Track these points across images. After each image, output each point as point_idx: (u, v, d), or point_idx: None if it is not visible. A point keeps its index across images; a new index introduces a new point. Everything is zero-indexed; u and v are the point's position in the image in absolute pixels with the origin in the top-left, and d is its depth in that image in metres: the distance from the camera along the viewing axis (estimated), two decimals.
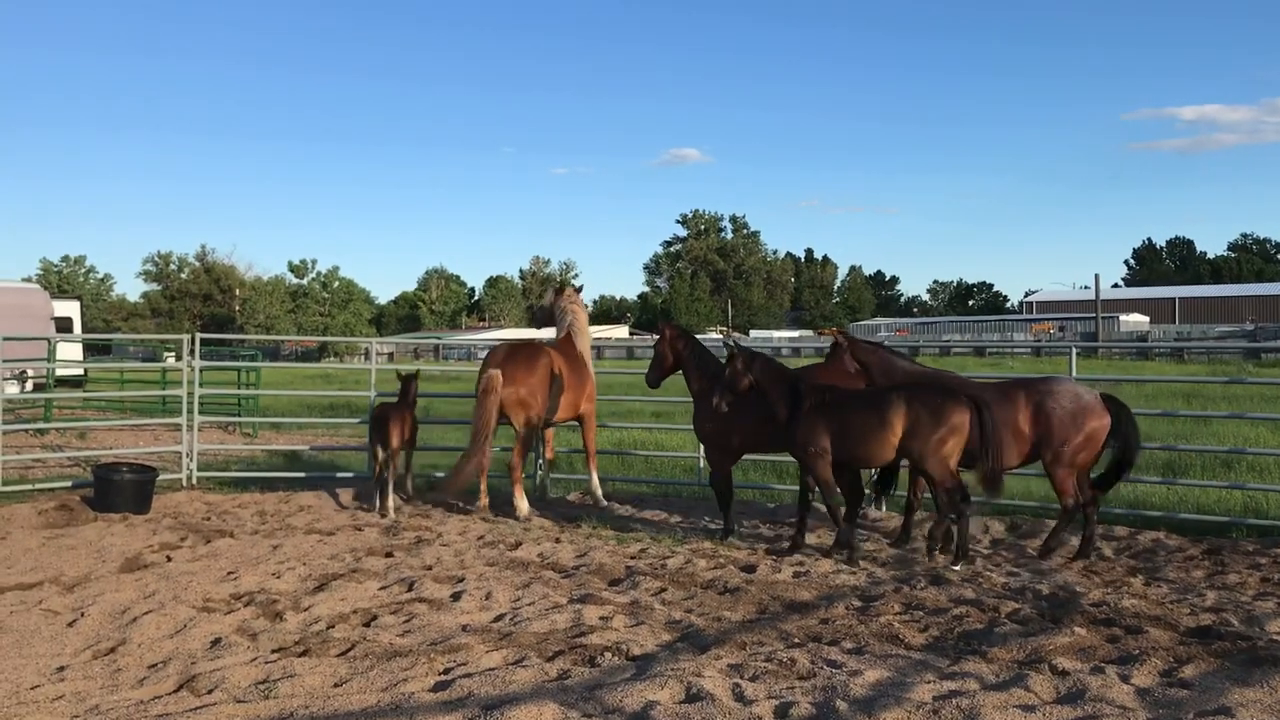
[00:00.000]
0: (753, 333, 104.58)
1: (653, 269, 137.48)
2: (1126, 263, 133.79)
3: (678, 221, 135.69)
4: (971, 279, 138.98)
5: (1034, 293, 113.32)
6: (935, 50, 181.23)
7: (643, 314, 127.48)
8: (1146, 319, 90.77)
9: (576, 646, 6.03)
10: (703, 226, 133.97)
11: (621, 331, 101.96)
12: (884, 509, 10.80)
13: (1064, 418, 8.60)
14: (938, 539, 8.69)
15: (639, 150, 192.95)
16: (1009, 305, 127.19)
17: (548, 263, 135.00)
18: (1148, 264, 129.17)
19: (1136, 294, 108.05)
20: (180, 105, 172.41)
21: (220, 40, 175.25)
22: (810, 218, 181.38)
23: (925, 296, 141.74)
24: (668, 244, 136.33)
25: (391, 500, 10.88)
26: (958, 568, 8.19)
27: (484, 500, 11.06)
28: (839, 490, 8.74)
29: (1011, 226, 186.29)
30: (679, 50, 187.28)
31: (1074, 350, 11.66)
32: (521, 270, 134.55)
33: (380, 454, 10.94)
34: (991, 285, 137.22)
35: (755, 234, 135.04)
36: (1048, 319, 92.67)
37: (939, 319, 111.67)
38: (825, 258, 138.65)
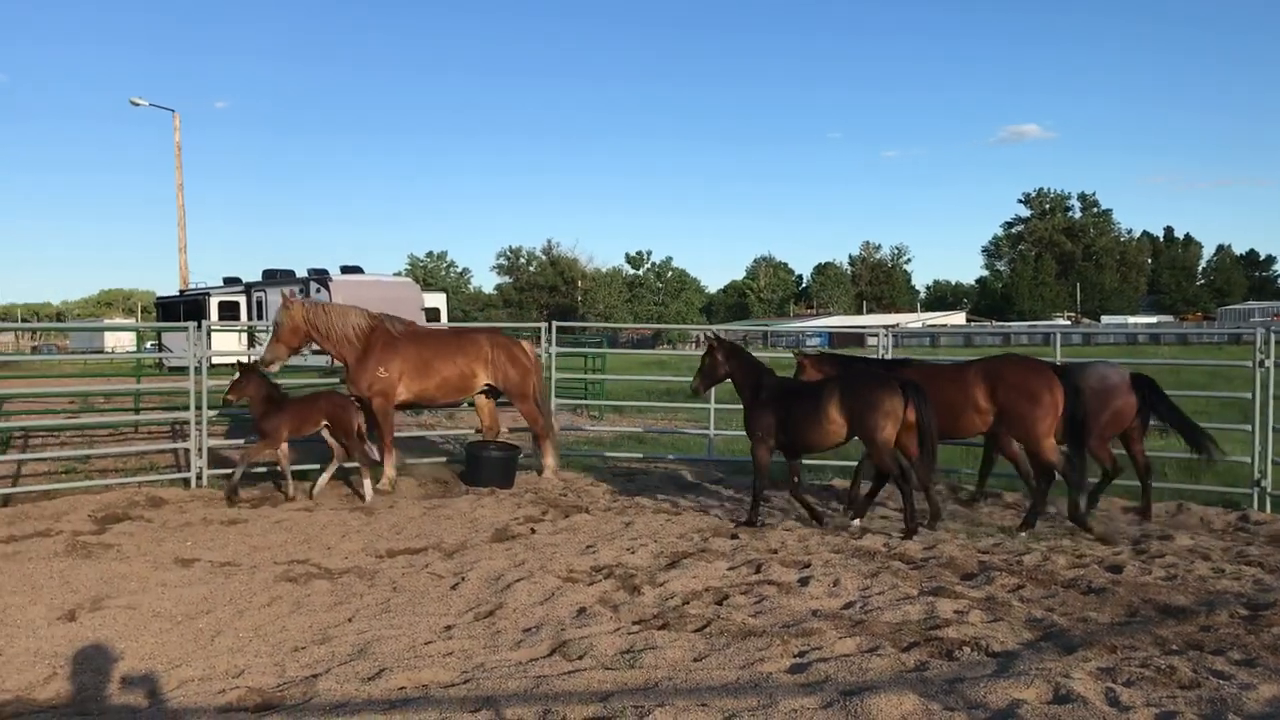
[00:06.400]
0: (1104, 318, 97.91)
1: (992, 252, 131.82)
2: None
3: (1020, 201, 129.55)
4: None
5: None
6: None
7: (981, 299, 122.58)
8: None
9: (932, 639, 5.89)
10: (1047, 206, 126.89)
11: (958, 318, 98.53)
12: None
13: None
14: None
15: (974, 129, 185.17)
16: None
17: (878, 248, 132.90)
18: None
19: None
20: (528, 114, 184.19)
21: (562, 58, 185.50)
22: (1169, 194, 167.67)
23: None
24: (1008, 225, 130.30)
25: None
26: None
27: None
28: None
29: None
30: (1012, 22, 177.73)
31: None
32: (851, 256, 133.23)
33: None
34: None
35: (1106, 212, 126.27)
36: None
37: None
38: (1187, 236, 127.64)
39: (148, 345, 30.34)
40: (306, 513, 10.08)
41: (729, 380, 9.92)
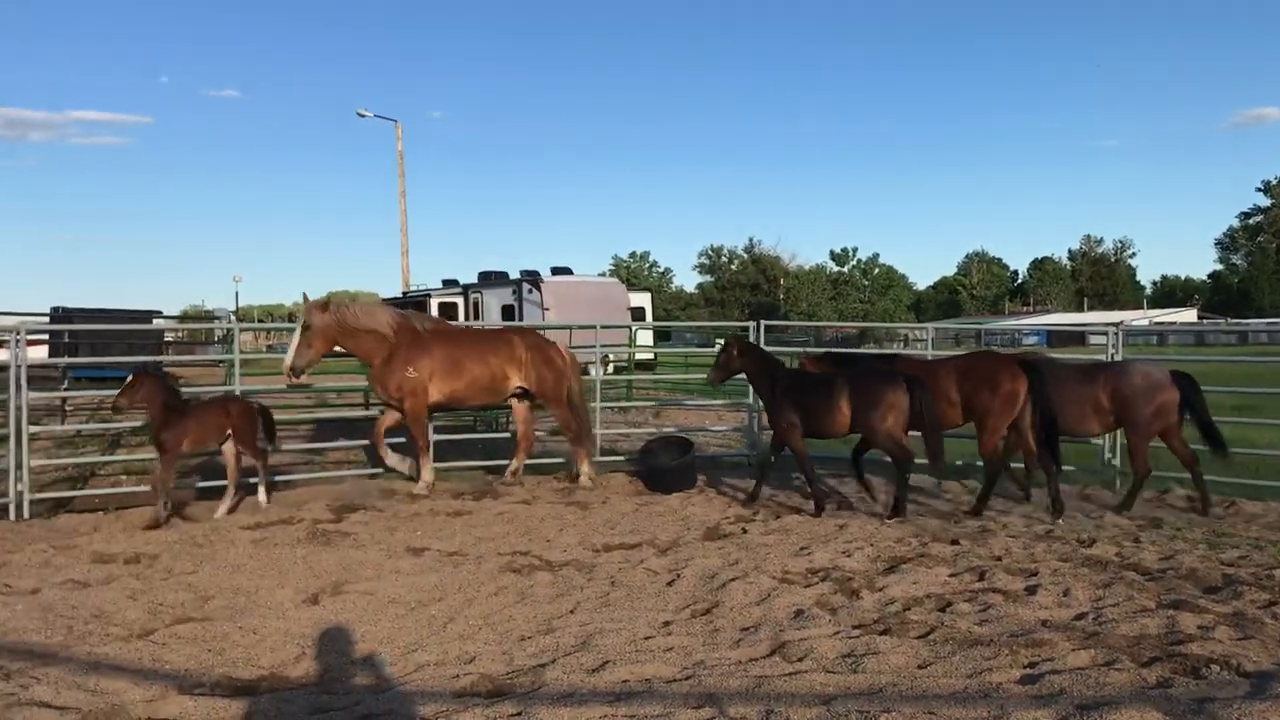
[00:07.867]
0: None
1: (1227, 244, 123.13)
2: None
3: (1258, 189, 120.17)
4: None
5: None
6: None
7: (1214, 295, 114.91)
8: None
9: (1174, 655, 5.55)
10: None
11: (1189, 315, 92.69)
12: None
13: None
14: None
15: (1204, 114, 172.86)
16: None
17: (1100, 241, 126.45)
18: None
19: None
20: (729, 113, 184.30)
21: (763, 56, 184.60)
22: None
23: None
24: (1245, 215, 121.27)
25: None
26: None
27: None
28: None
29: None
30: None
31: None
32: (1070, 250, 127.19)
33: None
34: None
35: None
36: None
37: None
38: None
39: None
40: (526, 505, 10.42)
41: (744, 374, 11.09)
